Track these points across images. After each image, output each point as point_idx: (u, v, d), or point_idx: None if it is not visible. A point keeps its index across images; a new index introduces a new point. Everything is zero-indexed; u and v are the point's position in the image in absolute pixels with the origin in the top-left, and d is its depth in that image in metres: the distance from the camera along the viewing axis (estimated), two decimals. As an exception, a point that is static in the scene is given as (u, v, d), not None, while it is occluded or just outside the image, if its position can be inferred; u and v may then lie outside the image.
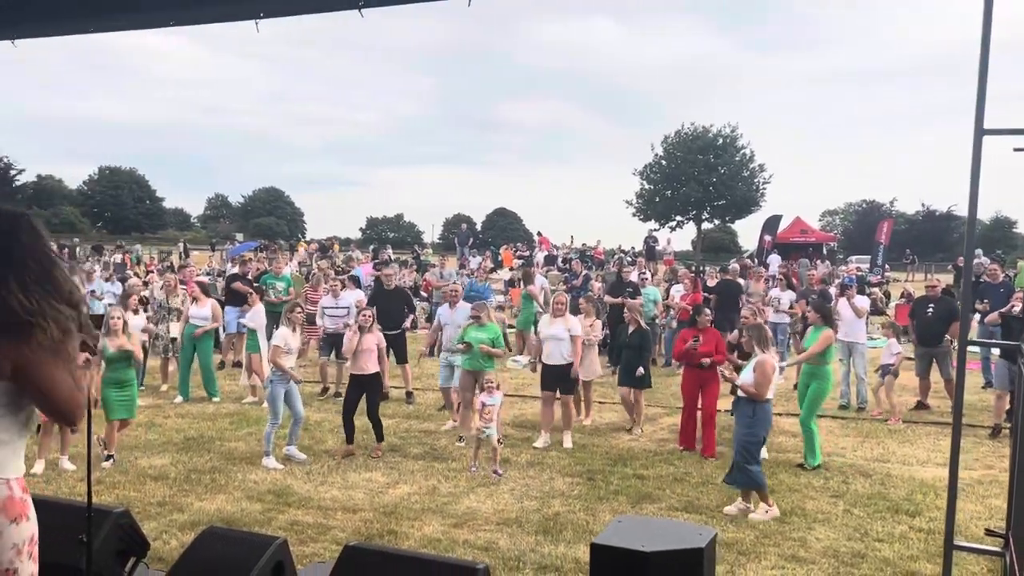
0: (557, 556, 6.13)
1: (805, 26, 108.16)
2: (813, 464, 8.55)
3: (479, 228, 71.47)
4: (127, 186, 76.83)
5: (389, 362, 10.48)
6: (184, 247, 42.13)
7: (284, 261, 17.35)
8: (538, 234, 39.78)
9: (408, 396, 11.75)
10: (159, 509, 7.07)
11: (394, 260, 26.87)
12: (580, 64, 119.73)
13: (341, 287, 12.76)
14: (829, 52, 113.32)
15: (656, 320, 15.11)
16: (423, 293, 21.44)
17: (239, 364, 13.14)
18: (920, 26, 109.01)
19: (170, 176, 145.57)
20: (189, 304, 12.13)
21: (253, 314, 11.72)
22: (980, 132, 4.24)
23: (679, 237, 60.40)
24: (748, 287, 15.87)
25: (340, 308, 12.16)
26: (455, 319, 10.53)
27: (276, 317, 12.93)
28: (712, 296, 14.62)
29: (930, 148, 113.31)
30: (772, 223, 39.68)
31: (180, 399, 11.59)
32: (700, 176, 59.91)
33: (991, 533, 6.11)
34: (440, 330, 10.92)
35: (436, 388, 11.42)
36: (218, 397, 11.73)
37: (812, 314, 9.77)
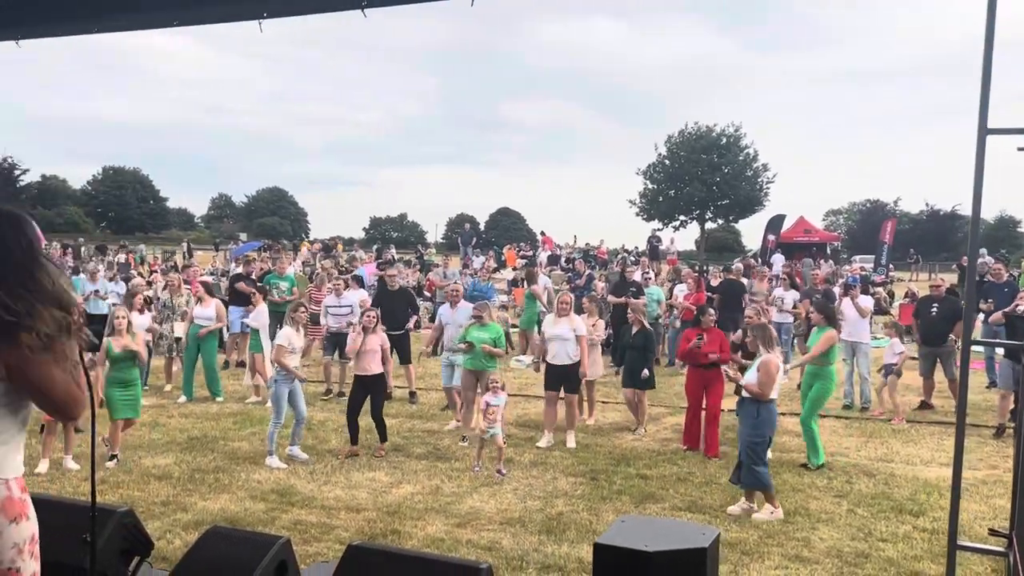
0: (560, 556, 6.13)
1: (805, 26, 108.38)
2: (816, 463, 8.54)
3: (482, 228, 71.43)
4: (131, 186, 76.88)
5: (393, 362, 10.49)
6: (188, 247, 42.17)
7: (288, 261, 17.36)
8: (541, 234, 39.82)
9: (411, 396, 11.77)
10: (163, 508, 7.08)
11: (398, 260, 26.88)
12: (583, 64, 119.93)
13: (344, 286, 12.78)
14: (829, 52, 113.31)
15: (659, 320, 15.10)
16: (426, 293, 21.47)
17: (243, 364, 13.16)
18: (920, 26, 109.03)
19: (174, 176, 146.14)
20: (194, 304, 12.16)
21: (256, 314, 11.74)
22: (984, 131, 4.24)
23: (682, 237, 60.32)
24: (752, 287, 15.85)
25: (343, 307, 12.19)
26: (456, 318, 10.53)
27: (280, 317, 12.95)
28: (715, 296, 14.61)
29: (935, 148, 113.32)
30: (776, 223, 39.66)
31: (184, 399, 11.61)
32: (704, 176, 59.82)
33: (995, 533, 6.10)
34: (441, 329, 10.93)
35: (439, 388, 11.42)
36: (222, 397, 11.75)
37: (815, 315, 9.76)
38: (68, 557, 4.23)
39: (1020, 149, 4.27)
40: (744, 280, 16.34)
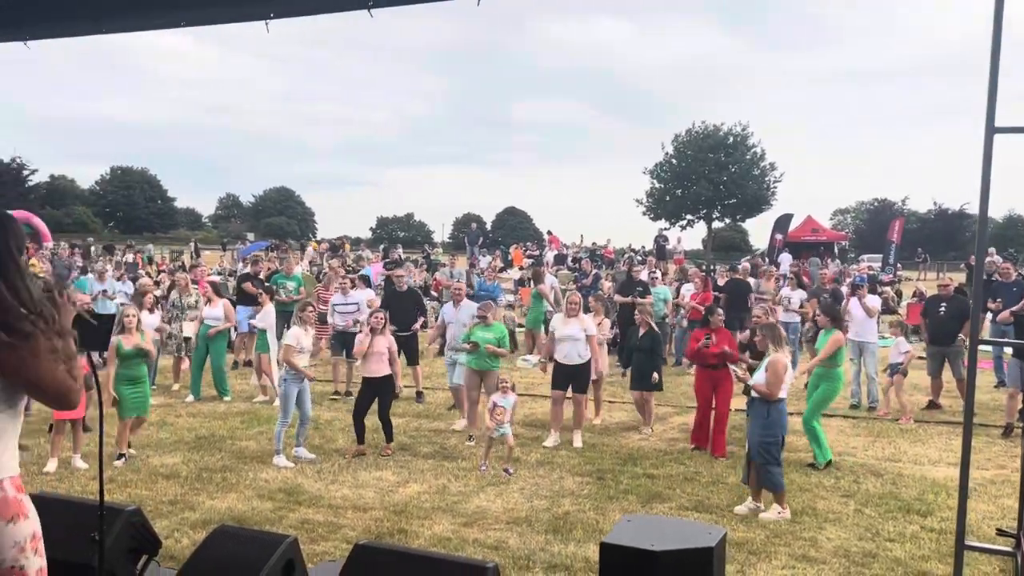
0: (567, 555, 6.14)
1: (805, 25, 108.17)
2: (823, 461, 8.52)
3: (489, 227, 71.46)
4: (139, 186, 77.12)
5: (400, 363, 10.51)
6: (195, 247, 42.24)
7: (295, 261, 17.42)
8: (548, 233, 39.77)
9: (418, 395, 11.78)
10: (171, 507, 7.10)
11: (405, 260, 26.89)
12: (589, 63, 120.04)
13: (351, 285, 12.82)
14: (829, 52, 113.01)
15: (666, 319, 15.09)
16: (433, 292, 21.49)
17: (250, 363, 13.19)
18: (921, 25, 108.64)
19: (181, 176, 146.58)
20: (203, 304, 12.19)
21: (263, 314, 11.78)
22: (991, 130, 4.21)
23: (689, 236, 60.24)
24: (759, 286, 15.84)
25: (350, 304, 12.24)
26: (459, 317, 10.55)
27: (287, 317, 13.04)
28: (721, 295, 14.59)
29: (935, 148, 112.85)
30: (783, 222, 39.56)
31: (191, 398, 11.65)
32: (711, 175, 59.58)
33: (1003, 533, 6.08)
34: (444, 328, 10.95)
35: (446, 388, 11.44)
36: (229, 396, 11.78)
37: (821, 317, 9.75)
38: (76, 556, 4.26)
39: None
40: (751, 280, 16.32)
